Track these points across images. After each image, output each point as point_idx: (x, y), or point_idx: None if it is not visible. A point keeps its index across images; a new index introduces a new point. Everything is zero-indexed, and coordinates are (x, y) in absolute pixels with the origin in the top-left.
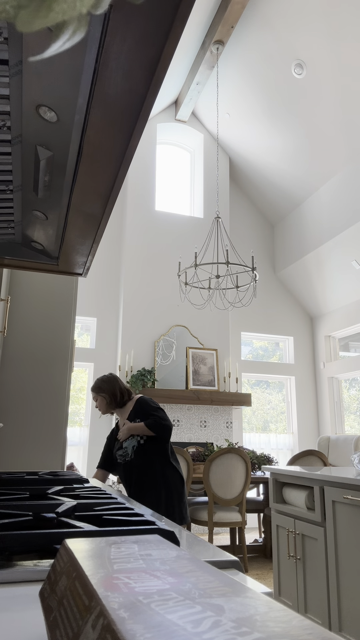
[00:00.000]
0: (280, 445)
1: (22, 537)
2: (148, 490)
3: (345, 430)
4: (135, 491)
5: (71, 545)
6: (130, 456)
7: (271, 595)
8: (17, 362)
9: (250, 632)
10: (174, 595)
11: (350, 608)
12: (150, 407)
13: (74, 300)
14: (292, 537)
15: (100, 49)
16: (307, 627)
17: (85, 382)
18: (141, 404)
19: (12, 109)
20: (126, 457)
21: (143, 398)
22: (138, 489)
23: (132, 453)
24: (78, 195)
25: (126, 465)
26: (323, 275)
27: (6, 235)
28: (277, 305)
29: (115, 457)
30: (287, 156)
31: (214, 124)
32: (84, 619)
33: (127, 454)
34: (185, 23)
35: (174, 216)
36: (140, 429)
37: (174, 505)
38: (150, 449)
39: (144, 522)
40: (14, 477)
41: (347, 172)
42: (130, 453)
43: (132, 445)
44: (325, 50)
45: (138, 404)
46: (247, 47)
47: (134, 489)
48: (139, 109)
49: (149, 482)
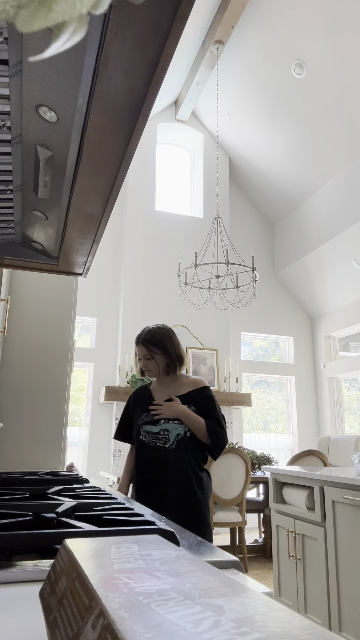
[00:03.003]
0: (280, 445)
1: (22, 537)
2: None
3: (345, 430)
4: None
5: (71, 545)
6: (171, 444)
7: (271, 595)
8: (17, 362)
9: (250, 632)
10: (174, 595)
11: (350, 608)
12: (215, 408)
13: (74, 300)
14: (292, 537)
15: (100, 49)
16: (307, 627)
17: (85, 382)
18: (205, 396)
19: (12, 109)
20: (165, 443)
21: (211, 391)
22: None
23: (175, 442)
24: (78, 195)
25: (159, 452)
26: (323, 275)
27: (6, 235)
28: (277, 305)
29: (137, 431)
30: (287, 156)
31: (214, 124)
32: (84, 619)
33: (168, 440)
34: (185, 23)
35: (174, 216)
36: (193, 422)
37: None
38: (192, 445)
39: (144, 522)
40: (14, 477)
41: (347, 172)
42: (172, 440)
43: (177, 433)
44: (325, 50)
45: (201, 392)
46: (247, 47)
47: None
48: (139, 109)
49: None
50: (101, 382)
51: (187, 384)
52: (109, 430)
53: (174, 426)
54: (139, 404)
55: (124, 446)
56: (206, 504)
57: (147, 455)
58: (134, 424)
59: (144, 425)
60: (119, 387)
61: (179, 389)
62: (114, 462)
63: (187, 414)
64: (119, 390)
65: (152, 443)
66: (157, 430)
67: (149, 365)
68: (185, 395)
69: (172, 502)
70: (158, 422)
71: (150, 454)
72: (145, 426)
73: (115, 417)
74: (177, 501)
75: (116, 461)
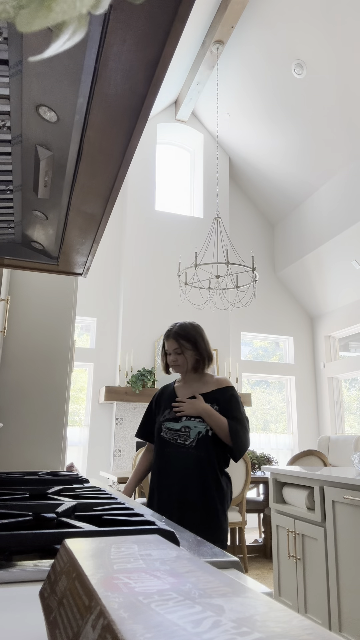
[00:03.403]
0: (280, 445)
1: (22, 537)
2: (196, 491)
3: (345, 430)
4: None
5: (71, 545)
6: (192, 441)
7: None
8: (17, 362)
9: (250, 632)
10: (174, 595)
11: (350, 608)
12: (239, 408)
13: (74, 300)
14: (292, 537)
15: (100, 49)
16: (307, 627)
17: (85, 382)
18: (229, 396)
19: (12, 109)
20: (186, 440)
21: (235, 391)
22: (183, 483)
23: (195, 439)
24: (78, 195)
25: (179, 448)
26: (323, 275)
27: (6, 235)
28: (277, 305)
29: (159, 428)
30: (287, 156)
31: (214, 124)
32: (84, 619)
33: (188, 437)
34: (185, 23)
35: (174, 216)
36: (215, 421)
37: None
38: (212, 445)
39: (143, 522)
40: (14, 477)
41: (347, 172)
42: (193, 438)
43: (198, 431)
44: (325, 50)
45: (225, 392)
46: (247, 47)
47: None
48: (139, 109)
49: (201, 483)
50: (101, 382)
51: (212, 383)
52: (109, 430)
53: (195, 424)
54: (162, 401)
55: (124, 446)
56: (222, 507)
57: (167, 452)
58: (156, 421)
59: (166, 421)
60: (119, 387)
61: (202, 387)
62: (114, 462)
63: (209, 412)
64: (119, 390)
65: (173, 440)
66: (179, 427)
67: (178, 360)
68: (209, 394)
69: (187, 501)
70: (180, 419)
71: (170, 450)
72: (167, 423)
73: (115, 417)
74: (192, 502)
75: (116, 461)
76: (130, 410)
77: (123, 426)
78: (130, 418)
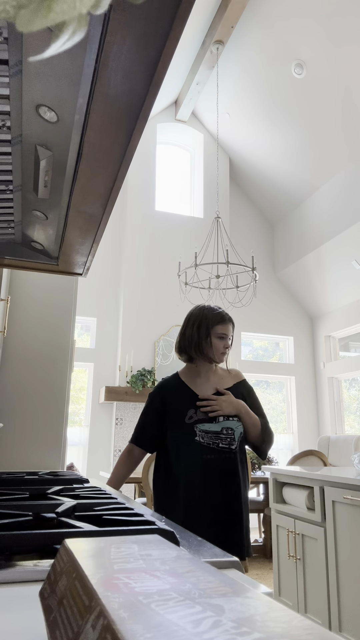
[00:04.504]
0: (280, 445)
1: (22, 537)
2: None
3: (345, 430)
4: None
5: (71, 545)
6: (236, 444)
7: (271, 595)
8: (17, 362)
9: (250, 632)
10: (174, 595)
11: (350, 608)
12: (260, 404)
13: (74, 300)
14: (292, 537)
15: (100, 49)
16: (307, 627)
17: (85, 382)
18: (250, 390)
19: (12, 109)
20: (231, 444)
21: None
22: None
23: (238, 441)
24: (78, 195)
25: (225, 454)
26: (323, 275)
27: (6, 235)
28: (277, 305)
29: (190, 430)
30: (287, 156)
31: (214, 124)
32: (84, 619)
33: (233, 440)
34: (185, 23)
35: (174, 216)
36: (252, 419)
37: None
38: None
39: (143, 522)
40: (14, 477)
41: (348, 172)
42: (237, 439)
43: (240, 432)
44: (325, 50)
45: (245, 385)
46: (247, 47)
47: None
48: (139, 109)
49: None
50: (101, 382)
51: (228, 377)
52: (109, 430)
53: (235, 424)
54: (174, 399)
55: (124, 446)
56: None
57: (207, 459)
58: (172, 423)
59: (198, 423)
60: (119, 387)
61: (220, 381)
62: (113, 462)
63: (247, 409)
64: (119, 390)
65: (214, 444)
66: (219, 428)
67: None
68: (231, 388)
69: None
70: (215, 419)
71: (212, 457)
72: (201, 425)
73: (115, 417)
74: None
75: (116, 461)
76: (131, 411)
77: (123, 426)
78: (130, 418)
